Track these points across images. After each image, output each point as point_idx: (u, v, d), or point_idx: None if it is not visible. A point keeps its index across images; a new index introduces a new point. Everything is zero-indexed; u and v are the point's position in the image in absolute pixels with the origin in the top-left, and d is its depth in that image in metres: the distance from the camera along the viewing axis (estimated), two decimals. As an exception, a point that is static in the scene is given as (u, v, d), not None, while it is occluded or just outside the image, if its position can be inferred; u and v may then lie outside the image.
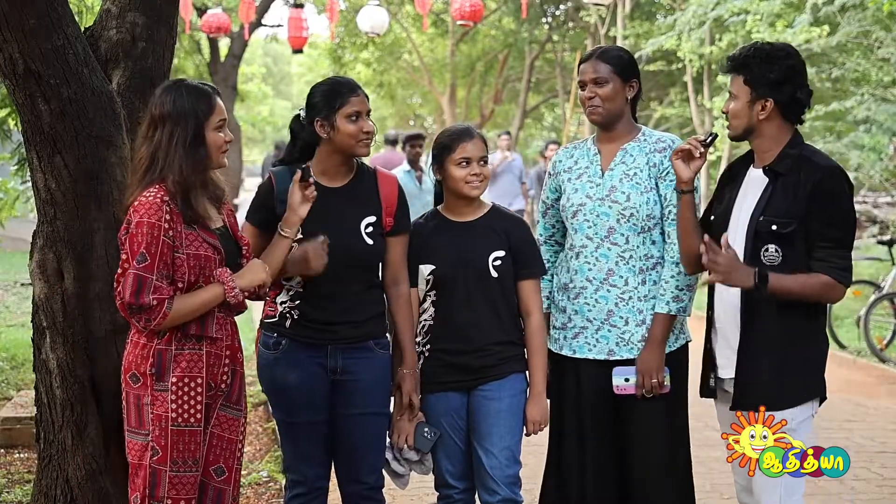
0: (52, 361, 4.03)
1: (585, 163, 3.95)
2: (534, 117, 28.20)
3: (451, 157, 3.79)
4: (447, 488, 3.88)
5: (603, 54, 3.87)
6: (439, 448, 3.83)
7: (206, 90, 3.34)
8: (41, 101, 3.84)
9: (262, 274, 3.39)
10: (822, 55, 12.80)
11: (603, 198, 3.84)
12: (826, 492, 5.40)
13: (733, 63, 3.51)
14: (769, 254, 3.40)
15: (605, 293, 3.83)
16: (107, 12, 4.19)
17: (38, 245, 4.05)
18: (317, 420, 3.75)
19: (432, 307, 3.84)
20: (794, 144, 3.49)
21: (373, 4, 13.45)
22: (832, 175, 3.41)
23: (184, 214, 3.24)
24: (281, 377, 3.72)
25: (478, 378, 3.80)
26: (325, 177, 3.71)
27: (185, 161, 3.25)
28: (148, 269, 3.16)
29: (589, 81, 3.84)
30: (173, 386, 3.24)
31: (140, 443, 3.28)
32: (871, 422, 7.17)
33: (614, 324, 3.82)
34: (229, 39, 19.08)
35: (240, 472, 3.49)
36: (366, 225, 3.72)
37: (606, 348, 3.83)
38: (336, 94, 3.66)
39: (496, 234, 3.84)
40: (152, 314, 3.17)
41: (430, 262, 3.81)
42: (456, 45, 23.43)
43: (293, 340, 3.70)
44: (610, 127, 3.89)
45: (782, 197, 3.41)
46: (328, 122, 3.65)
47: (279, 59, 41.33)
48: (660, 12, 18.11)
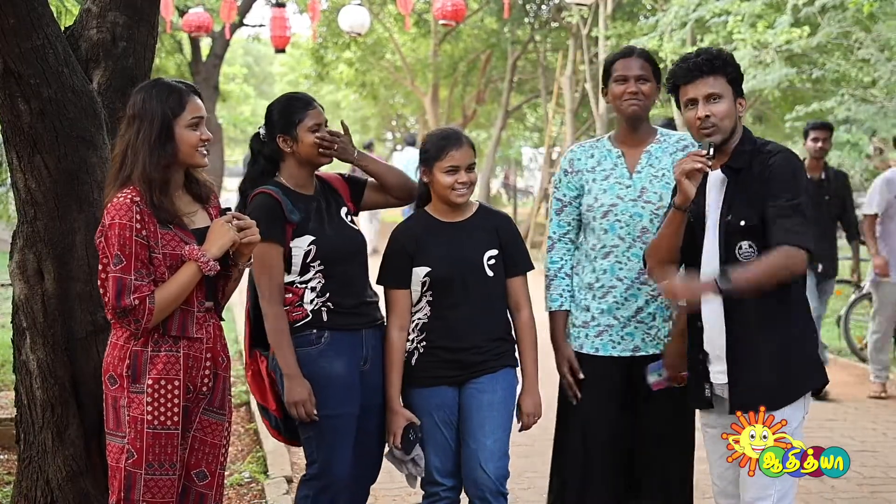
0: (33, 362, 4.01)
1: (609, 164, 4.00)
2: (516, 117, 28.20)
3: (439, 164, 3.82)
4: (433, 485, 3.88)
5: (643, 53, 4.01)
6: (428, 443, 3.84)
7: (177, 87, 3.31)
8: (21, 101, 3.83)
9: (229, 234, 3.27)
10: (802, 56, 12.83)
11: (635, 199, 3.92)
12: (806, 490, 5.42)
13: (715, 63, 3.46)
14: (743, 251, 3.39)
15: (635, 291, 3.91)
16: (87, 12, 4.18)
17: (18, 245, 4.03)
18: (350, 414, 3.81)
19: (428, 306, 3.86)
20: (744, 141, 3.50)
21: (353, 4, 13.42)
22: (782, 152, 3.44)
23: (155, 214, 3.22)
24: (328, 367, 3.75)
25: (471, 373, 3.84)
26: (301, 187, 3.87)
27: (150, 157, 3.23)
28: (125, 270, 3.15)
29: (633, 77, 3.93)
30: (149, 388, 3.21)
31: (118, 445, 3.26)
32: (852, 421, 7.21)
33: (642, 320, 3.93)
34: (211, 39, 19.01)
35: (223, 476, 3.47)
36: (345, 213, 3.93)
37: (632, 345, 3.94)
38: (294, 109, 3.84)
39: (487, 233, 3.89)
40: (138, 314, 3.15)
41: (425, 265, 3.83)
42: (438, 45, 23.41)
43: (336, 331, 3.79)
44: (638, 125, 4.00)
45: (744, 191, 3.41)
46: (291, 137, 3.80)
47: (261, 59, 41.19)
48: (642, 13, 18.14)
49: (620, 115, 4.02)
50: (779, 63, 11.98)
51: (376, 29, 22.32)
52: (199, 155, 3.33)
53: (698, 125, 3.45)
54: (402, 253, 3.88)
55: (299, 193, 3.83)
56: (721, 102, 3.44)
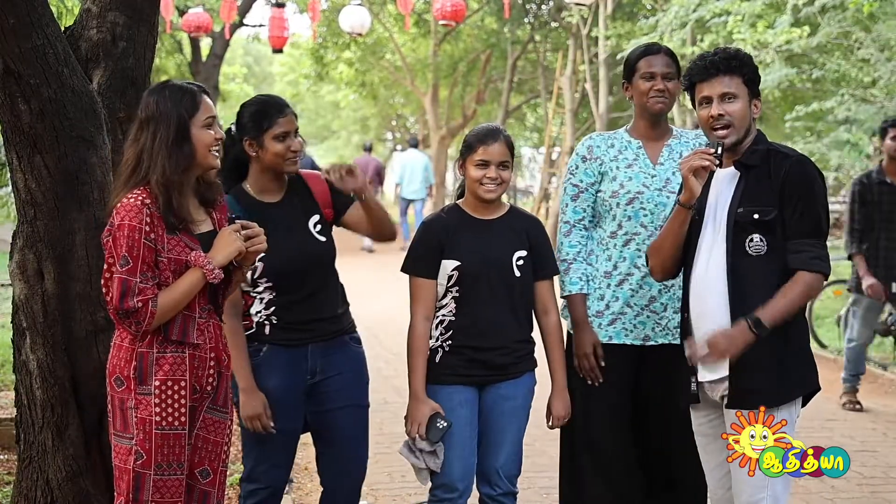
0: (33, 362, 4.01)
1: (631, 154, 4.06)
2: (516, 117, 28.19)
3: (472, 157, 3.82)
4: (449, 491, 3.83)
5: (669, 51, 4.06)
6: (448, 445, 3.81)
7: (190, 88, 3.31)
8: (21, 101, 3.83)
9: (235, 243, 3.27)
10: (802, 56, 12.83)
11: (661, 188, 3.98)
12: (806, 490, 5.42)
13: (732, 63, 3.46)
14: (754, 244, 3.40)
15: (650, 280, 3.92)
16: (87, 12, 4.17)
17: (17, 245, 4.03)
18: (292, 427, 3.81)
19: (453, 302, 3.85)
20: (758, 142, 3.52)
21: (354, 4, 13.42)
22: (801, 162, 3.45)
23: (165, 218, 3.21)
24: (262, 382, 3.72)
25: (496, 375, 3.85)
26: (265, 194, 3.78)
27: (169, 160, 3.21)
28: (131, 272, 3.15)
29: (660, 74, 3.98)
30: (156, 389, 3.21)
31: (125, 447, 3.26)
32: (852, 421, 7.21)
33: (654, 310, 3.98)
34: (211, 39, 18.98)
35: (225, 474, 3.47)
36: (314, 224, 3.82)
37: (643, 334, 3.99)
38: (264, 115, 3.74)
39: (517, 234, 3.89)
40: (139, 316, 3.15)
41: (454, 258, 3.82)
42: (438, 45, 23.40)
43: (274, 346, 3.73)
44: (660, 121, 4.06)
45: (757, 186, 3.43)
46: (257, 142, 3.73)
47: (261, 59, 41.17)
48: (642, 13, 18.14)
49: (643, 111, 4.05)
50: (779, 63, 11.98)
51: (376, 29, 22.31)
52: (212, 156, 3.31)
53: (711, 123, 3.46)
54: (434, 243, 3.85)
55: (259, 202, 3.76)
56: (735, 102, 3.45)
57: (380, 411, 6.22)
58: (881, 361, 9.08)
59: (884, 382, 8.51)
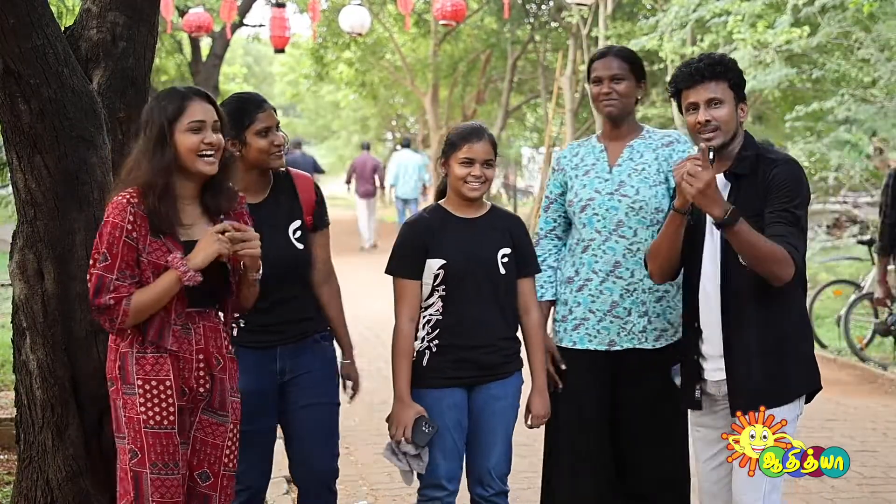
0: (33, 362, 4.01)
1: (592, 159, 4.07)
2: (516, 117, 28.19)
3: (456, 155, 3.83)
4: (437, 490, 3.85)
5: (619, 52, 4.04)
6: (437, 446, 3.82)
7: (178, 92, 3.31)
8: (21, 101, 3.83)
9: (214, 245, 3.21)
10: (802, 56, 12.84)
11: (612, 192, 3.97)
12: (806, 490, 5.42)
13: (717, 69, 3.46)
14: None
15: (610, 284, 3.94)
16: (87, 12, 4.18)
17: (17, 245, 4.03)
18: (265, 428, 3.82)
19: (440, 301, 3.84)
20: (747, 146, 3.51)
21: (354, 4, 13.43)
22: (787, 163, 3.46)
23: (150, 219, 3.21)
24: None
25: (485, 375, 3.85)
26: (248, 193, 3.70)
27: (150, 163, 3.23)
28: (108, 268, 3.16)
29: (607, 78, 3.98)
30: (140, 389, 3.21)
31: (123, 447, 3.27)
32: (852, 421, 7.21)
33: (617, 314, 3.95)
34: (211, 39, 18.99)
35: (229, 478, 3.42)
36: (293, 231, 3.83)
37: (607, 339, 3.97)
38: (243, 112, 3.73)
39: (500, 233, 3.91)
40: (112, 313, 3.15)
41: (439, 257, 3.82)
42: (438, 45, 23.41)
43: (242, 347, 3.69)
44: (620, 122, 4.04)
45: (748, 195, 3.42)
46: (239, 141, 3.71)
47: (261, 59, 41.18)
48: (642, 13, 18.15)
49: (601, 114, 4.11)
50: (779, 63, 11.99)
51: (376, 29, 22.32)
52: (200, 161, 3.26)
53: (698, 130, 3.45)
54: (417, 244, 3.85)
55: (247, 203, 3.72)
56: (722, 107, 3.45)
57: (380, 411, 6.21)
58: (881, 361, 9.09)
59: (884, 382, 8.51)
